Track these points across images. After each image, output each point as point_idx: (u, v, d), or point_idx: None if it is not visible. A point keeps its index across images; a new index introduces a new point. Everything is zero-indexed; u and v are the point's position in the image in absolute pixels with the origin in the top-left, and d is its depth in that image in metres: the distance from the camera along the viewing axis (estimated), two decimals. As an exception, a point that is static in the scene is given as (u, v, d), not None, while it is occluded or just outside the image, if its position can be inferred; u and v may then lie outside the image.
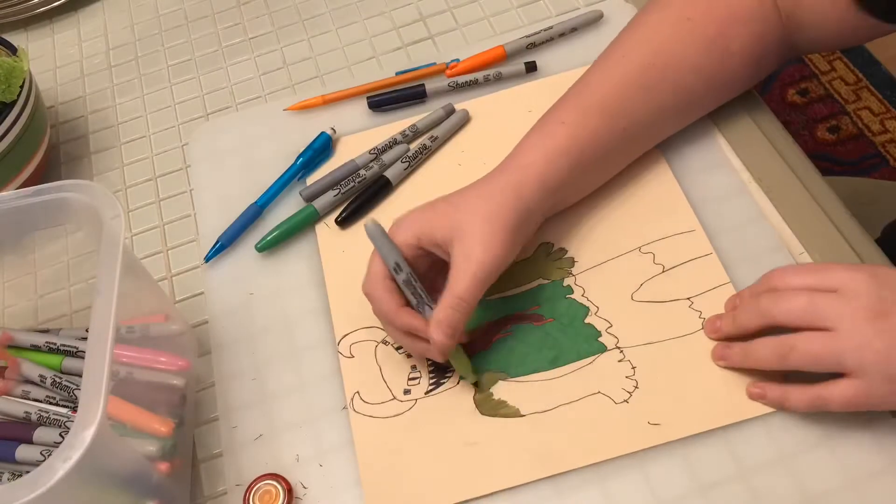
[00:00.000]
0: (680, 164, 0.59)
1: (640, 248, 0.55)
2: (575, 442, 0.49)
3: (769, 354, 0.46)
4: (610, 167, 0.56)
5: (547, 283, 0.55)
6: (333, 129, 0.65)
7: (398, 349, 0.54)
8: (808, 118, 1.52)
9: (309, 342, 0.56)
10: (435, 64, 0.67)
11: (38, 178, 0.66)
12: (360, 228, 0.60)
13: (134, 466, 0.45)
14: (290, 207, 0.62)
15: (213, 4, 0.79)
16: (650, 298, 0.53)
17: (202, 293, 0.60)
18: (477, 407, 0.51)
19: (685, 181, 0.58)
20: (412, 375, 0.53)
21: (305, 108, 0.67)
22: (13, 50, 0.66)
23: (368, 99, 0.66)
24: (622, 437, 0.49)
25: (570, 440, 0.49)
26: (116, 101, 0.73)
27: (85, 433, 0.38)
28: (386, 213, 0.61)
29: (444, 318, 0.48)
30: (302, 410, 0.53)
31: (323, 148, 0.64)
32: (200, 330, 0.58)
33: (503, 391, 0.52)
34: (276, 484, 0.49)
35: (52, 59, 0.78)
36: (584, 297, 0.54)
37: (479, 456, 0.49)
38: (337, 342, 0.55)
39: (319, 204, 0.61)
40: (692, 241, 0.55)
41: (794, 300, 0.45)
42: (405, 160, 0.62)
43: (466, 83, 0.66)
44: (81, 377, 0.40)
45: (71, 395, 0.53)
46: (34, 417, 0.52)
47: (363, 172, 0.62)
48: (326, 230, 0.61)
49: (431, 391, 0.52)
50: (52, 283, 0.62)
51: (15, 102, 0.62)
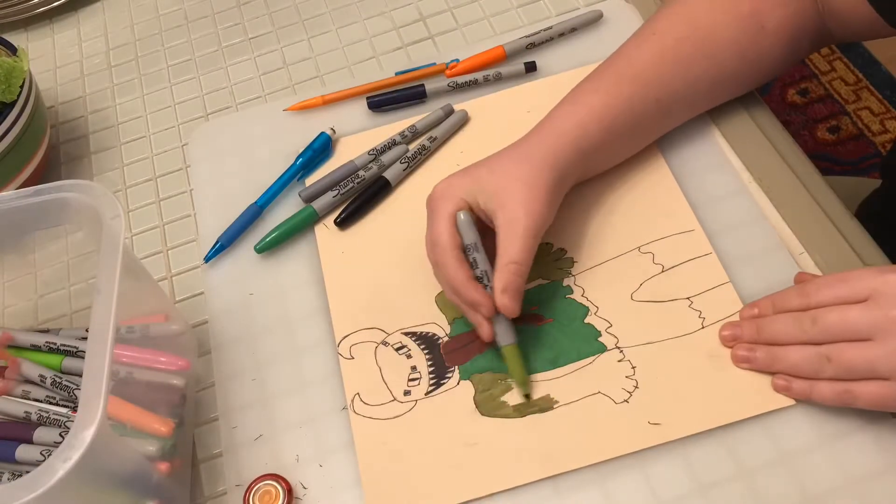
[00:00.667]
0: (680, 164, 0.59)
1: (639, 247, 0.55)
2: (575, 442, 0.49)
3: (800, 362, 0.46)
4: (642, 137, 0.57)
5: (547, 283, 0.55)
6: (333, 129, 0.65)
7: (398, 350, 0.54)
8: (808, 118, 1.52)
9: (309, 343, 0.56)
10: (435, 64, 0.67)
11: (38, 178, 0.66)
12: (359, 229, 0.60)
13: (134, 466, 0.45)
14: (289, 208, 0.62)
15: (213, 4, 0.79)
16: (650, 298, 0.53)
17: (202, 293, 0.60)
18: (477, 407, 0.51)
19: (685, 181, 0.58)
20: (412, 376, 0.53)
21: (305, 108, 0.68)
22: (13, 50, 0.66)
23: (368, 99, 0.66)
24: (622, 437, 0.49)
25: (570, 440, 0.49)
26: (116, 101, 0.73)
27: (85, 433, 0.38)
28: (385, 213, 0.61)
29: (507, 283, 0.49)
30: (302, 411, 0.53)
31: (323, 148, 0.64)
32: (200, 330, 0.58)
33: (503, 391, 0.52)
34: (276, 484, 0.49)
35: (52, 59, 0.78)
36: (583, 297, 0.54)
37: (479, 456, 0.49)
38: (337, 343, 0.55)
39: (319, 205, 0.61)
40: (692, 240, 0.55)
41: (827, 317, 0.45)
42: (404, 161, 0.62)
43: (466, 83, 0.66)
44: (81, 377, 0.40)
45: (71, 395, 0.53)
46: (34, 417, 0.52)
47: (362, 173, 0.62)
48: (326, 231, 0.61)
49: (431, 392, 0.52)
50: (52, 283, 0.62)
51: (15, 102, 0.62)
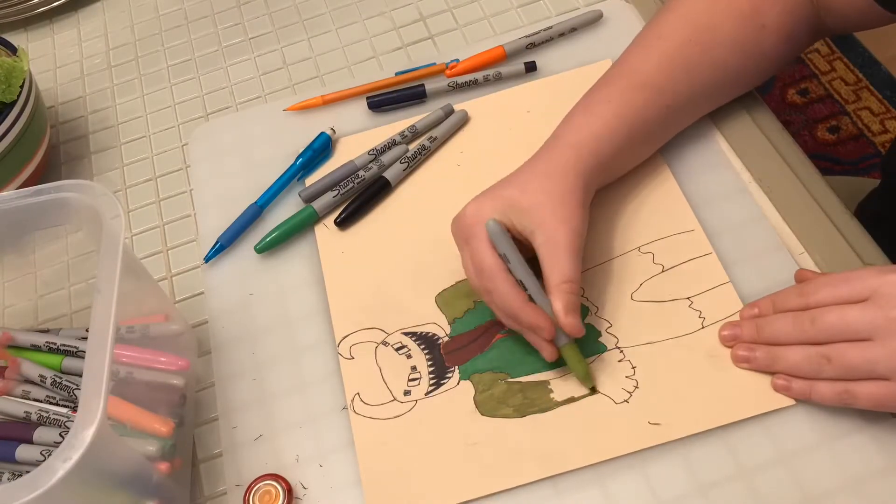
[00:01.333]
0: (680, 164, 0.59)
1: (639, 247, 0.55)
2: (575, 442, 0.49)
3: (800, 362, 0.46)
4: (654, 142, 0.58)
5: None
6: (333, 129, 0.65)
7: (398, 350, 0.54)
8: (808, 118, 1.52)
9: (309, 343, 0.56)
10: (435, 64, 0.68)
11: (38, 178, 0.66)
12: (359, 229, 0.60)
13: (134, 466, 0.45)
14: (289, 208, 0.62)
15: (213, 4, 0.79)
16: (650, 298, 0.53)
17: (202, 293, 0.60)
18: (477, 407, 0.51)
19: (685, 181, 0.58)
20: (412, 376, 0.53)
21: (305, 108, 0.68)
22: (13, 50, 0.66)
23: (368, 99, 0.66)
24: (622, 437, 0.49)
25: (570, 440, 0.49)
26: (116, 101, 0.73)
27: (85, 433, 0.38)
28: (385, 214, 0.61)
29: (566, 302, 0.48)
30: (302, 411, 0.53)
31: (323, 148, 0.64)
32: (200, 330, 0.58)
33: (503, 391, 0.52)
34: (276, 484, 0.49)
35: (52, 59, 0.78)
36: (583, 297, 0.54)
37: (479, 456, 0.49)
38: (337, 343, 0.55)
39: (318, 205, 0.61)
40: (692, 240, 0.55)
41: (826, 317, 0.45)
42: (404, 161, 0.62)
43: (466, 83, 0.66)
44: (81, 377, 0.40)
45: (71, 395, 0.53)
46: (34, 417, 0.52)
47: (362, 173, 0.62)
48: (326, 231, 0.61)
49: (431, 392, 0.52)
50: (52, 283, 0.62)
51: (15, 102, 0.62)
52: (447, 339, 0.54)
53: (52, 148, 0.70)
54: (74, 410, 0.53)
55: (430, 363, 0.53)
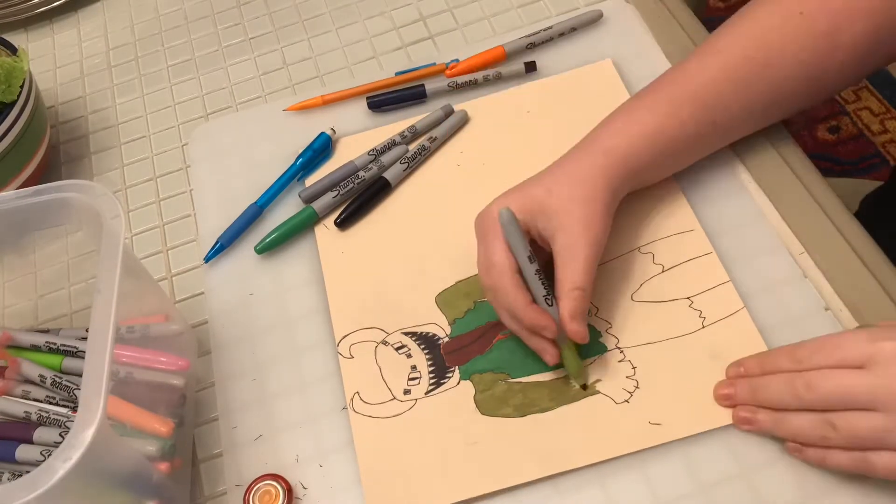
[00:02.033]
0: (680, 164, 0.59)
1: (639, 248, 0.55)
2: (575, 442, 0.49)
3: (805, 428, 0.45)
4: (694, 155, 0.56)
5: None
6: (333, 129, 0.65)
7: (398, 349, 0.54)
8: (808, 118, 1.52)
9: (309, 342, 0.56)
10: (435, 64, 0.67)
11: (38, 178, 0.66)
12: (359, 230, 0.60)
13: (134, 466, 0.45)
14: (289, 208, 0.62)
15: (213, 4, 0.79)
16: (650, 298, 0.53)
17: (202, 293, 0.60)
18: (477, 407, 0.51)
19: (684, 181, 0.58)
20: (412, 375, 0.53)
21: (305, 108, 0.68)
22: (13, 50, 0.66)
23: (368, 99, 0.66)
24: (622, 437, 0.49)
25: (570, 440, 0.49)
26: (116, 101, 0.73)
27: (85, 433, 0.38)
28: (385, 214, 0.61)
29: (574, 309, 0.48)
30: (302, 410, 0.53)
31: (323, 148, 0.64)
32: (200, 330, 0.58)
33: (503, 391, 0.52)
34: (276, 484, 0.49)
35: (52, 59, 0.78)
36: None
37: (479, 456, 0.49)
38: (336, 343, 0.55)
39: (318, 205, 0.61)
40: (692, 240, 0.55)
41: (824, 385, 0.44)
42: (404, 161, 0.62)
43: (466, 83, 0.66)
44: (81, 377, 0.40)
45: (71, 395, 0.53)
46: (34, 417, 0.52)
47: (362, 174, 0.62)
48: (326, 231, 0.61)
49: (431, 391, 0.52)
50: (52, 283, 0.62)
51: (15, 102, 0.62)
52: (447, 339, 0.54)
53: (52, 148, 0.70)
54: (74, 410, 0.53)
55: (430, 363, 0.53)
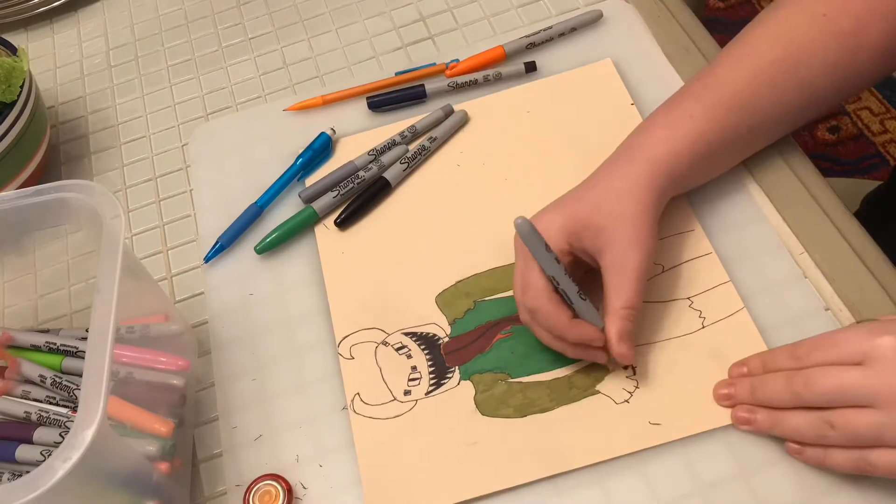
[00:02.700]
0: (680, 164, 0.58)
1: (640, 248, 0.55)
2: (575, 442, 0.49)
3: (802, 426, 0.45)
4: (731, 160, 0.56)
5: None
6: (333, 129, 0.65)
7: (398, 350, 0.54)
8: (807, 118, 1.52)
9: (309, 343, 0.56)
10: (435, 64, 0.67)
11: (38, 178, 0.66)
12: (359, 230, 0.60)
13: (134, 466, 0.45)
14: (289, 208, 0.62)
15: (213, 4, 0.79)
16: (650, 298, 0.53)
17: (202, 293, 0.60)
18: (477, 407, 0.51)
19: (685, 181, 0.58)
20: (412, 376, 0.53)
21: (305, 108, 0.68)
22: (13, 50, 0.66)
23: (368, 99, 0.66)
24: (622, 437, 0.49)
25: (570, 440, 0.49)
26: (116, 101, 0.73)
27: (85, 433, 0.38)
28: (385, 214, 0.61)
29: (622, 329, 0.48)
30: (302, 411, 0.53)
31: (323, 148, 0.64)
32: (200, 330, 0.58)
33: (503, 391, 0.52)
34: (276, 484, 0.49)
35: (52, 59, 0.78)
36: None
37: (479, 456, 0.49)
38: (337, 343, 0.55)
39: (318, 205, 0.61)
40: (692, 240, 0.55)
41: (821, 382, 0.44)
42: (404, 161, 0.62)
43: (466, 83, 0.66)
44: (81, 377, 0.40)
45: (71, 395, 0.53)
46: (34, 417, 0.52)
47: (362, 174, 0.62)
48: (326, 231, 0.61)
49: (431, 392, 0.52)
50: (52, 283, 0.62)
51: (15, 102, 0.62)
52: (447, 339, 0.54)
53: (52, 148, 0.70)
54: (74, 410, 0.53)
55: (430, 363, 0.53)
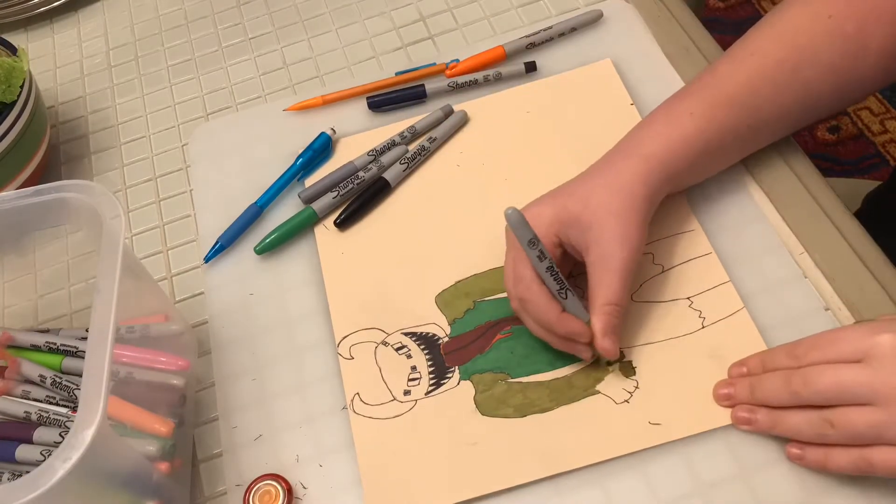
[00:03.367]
0: (680, 164, 0.58)
1: (639, 248, 0.55)
2: (575, 442, 0.49)
3: (802, 425, 0.45)
4: (729, 159, 0.56)
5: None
6: (333, 129, 0.65)
7: (398, 350, 0.54)
8: (807, 118, 1.52)
9: (309, 343, 0.56)
10: (435, 64, 0.67)
11: (38, 178, 0.66)
12: (359, 230, 0.60)
13: (134, 466, 0.45)
14: (289, 208, 0.62)
15: (213, 4, 0.79)
16: (650, 298, 0.53)
17: (202, 293, 0.60)
18: (477, 407, 0.51)
19: (685, 181, 0.58)
20: (412, 376, 0.53)
21: (305, 108, 0.68)
22: (13, 50, 0.66)
23: (368, 99, 0.66)
24: (622, 437, 0.49)
25: (570, 440, 0.49)
26: (116, 101, 0.73)
27: (85, 433, 0.38)
28: (385, 214, 0.61)
29: (607, 325, 0.48)
30: (302, 411, 0.53)
31: (323, 148, 0.64)
32: (200, 330, 0.58)
33: (503, 391, 0.52)
34: (276, 484, 0.49)
35: (52, 59, 0.78)
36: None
37: (479, 456, 0.49)
38: (336, 343, 0.55)
39: (318, 206, 0.61)
40: (692, 240, 0.55)
41: (820, 380, 0.44)
42: (403, 162, 0.62)
43: (466, 83, 0.66)
44: (81, 377, 0.40)
45: (71, 395, 0.53)
46: (34, 417, 0.52)
47: (362, 174, 0.62)
48: (325, 232, 0.61)
49: (431, 392, 0.52)
50: (52, 283, 0.62)
51: (15, 102, 0.62)
52: (447, 339, 0.54)
53: (52, 148, 0.70)
54: (74, 410, 0.53)
55: (430, 363, 0.53)
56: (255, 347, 0.56)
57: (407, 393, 0.53)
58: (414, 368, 0.53)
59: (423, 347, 0.54)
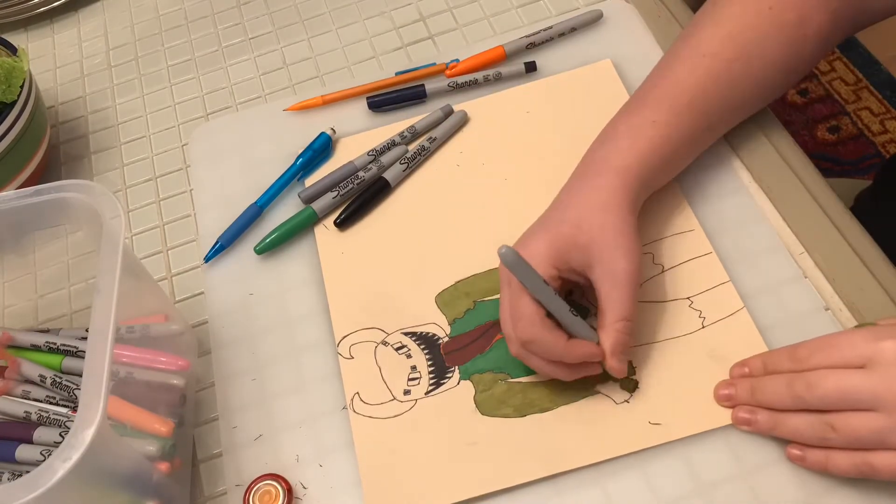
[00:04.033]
0: (680, 164, 0.59)
1: (639, 248, 0.55)
2: (575, 442, 0.49)
3: (803, 428, 0.45)
4: (691, 158, 0.57)
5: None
6: (333, 129, 0.65)
7: (398, 350, 0.54)
8: (808, 118, 1.52)
9: (308, 342, 0.56)
10: (435, 64, 0.67)
11: (38, 178, 0.66)
12: (359, 230, 0.60)
13: (134, 466, 0.45)
14: (289, 208, 0.62)
15: (213, 4, 0.79)
16: (650, 298, 0.53)
17: (202, 293, 0.60)
18: (477, 407, 0.51)
19: (684, 181, 0.58)
20: (412, 376, 0.53)
21: (305, 108, 0.68)
22: (13, 50, 0.66)
23: (368, 99, 0.66)
24: (622, 437, 0.49)
25: (570, 440, 0.49)
26: (116, 101, 0.73)
27: (85, 433, 0.38)
28: (385, 214, 0.61)
29: (617, 342, 0.48)
30: (302, 410, 0.53)
31: (323, 148, 0.64)
32: (200, 330, 0.58)
33: (503, 391, 0.52)
34: (276, 484, 0.49)
35: (52, 59, 0.78)
36: (583, 298, 0.54)
37: (479, 456, 0.49)
38: (336, 343, 0.55)
39: (318, 206, 0.61)
40: (692, 240, 0.55)
41: (823, 385, 0.43)
42: (403, 161, 0.62)
43: (466, 83, 0.66)
44: (81, 377, 0.40)
45: (71, 395, 0.53)
46: (34, 417, 0.52)
47: (362, 174, 0.62)
48: (325, 232, 0.61)
49: (431, 391, 0.52)
50: (52, 283, 0.62)
51: (15, 102, 0.62)
52: (447, 339, 0.54)
53: (52, 148, 0.70)
54: (74, 410, 0.53)
55: (430, 363, 0.53)
56: (255, 347, 0.56)
57: (407, 392, 0.53)
58: (414, 368, 0.53)
59: (423, 347, 0.54)
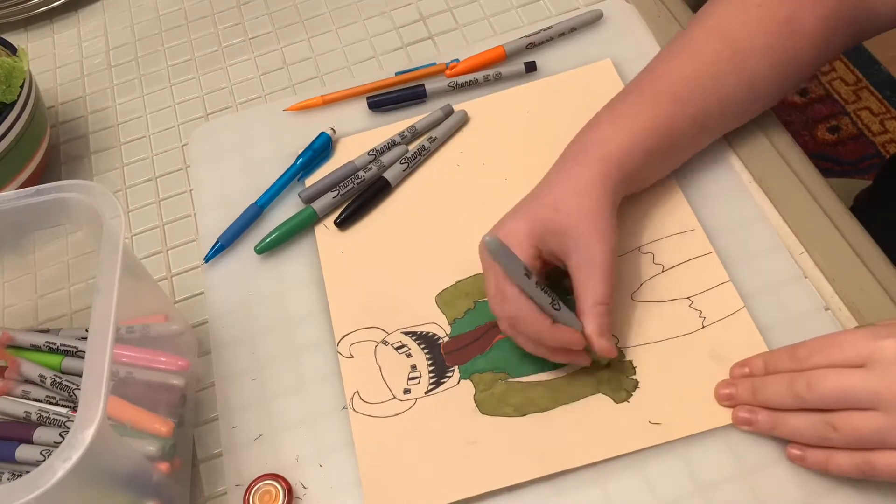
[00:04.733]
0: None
1: (639, 247, 0.55)
2: (575, 442, 0.49)
3: (804, 428, 0.45)
4: (680, 155, 0.57)
5: (546, 283, 0.55)
6: (333, 129, 0.65)
7: (398, 349, 0.54)
8: (808, 118, 1.52)
9: (309, 342, 0.56)
10: (435, 64, 0.68)
11: (38, 178, 0.66)
12: (359, 230, 0.60)
13: (134, 466, 0.45)
14: (289, 208, 0.62)
15: (213, 4, 0.79)
16: (650, 298, 0.53)
17: (202, 293, 0.60)
18: (477, 406, 0.51)
19: (684, 181, 0.58)
20: (412, 375, 0.53)
21: (305, 108, 0.68)
22: (13, 50, 0.66)
23: (368, 99, 0.66)
24: (622, 437, 0.49)
25: (570, 440, 0.49)
26: (116, 101, 0.73)
27: (85, 433, 0.38)
28: (385, 214, 0.61)
29: (600, 325, 0.48)
30: (302, 410, 0.53)
31: (323, 148, 0.64)
32: (200, 330, 0.58)
33: (503, 390, 0.52)
34: (276, 484, 0.49)
35: (52, 59, 0.78)
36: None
37: (479, 455, 0.49)
38: (336, 342, 0.55)
39: (318, 205, 0.61)
40: (692, 240, 0.55)
41: (824, 384, 0.43)
42: (404, 161, 0.62)
43: (466, 83, 0.66)
44: (81, 377, 0.40)
45: (71, 395, 0.53)
46: (34, 417, 0.52)
47: (362, 174, 0.62)
48: (326, 231, 0.61)
49: (431, 391, 0.52)
50: (52, 283, 0.62)
51: (15, 102, 0.62)
52: (447, 339, 0.54)
53: (52, 148, 0.70)
54: (74, 410, 0.53)
55: (430, 362, 0.53)
56: (255, 347, 0.56)
57: (407, 391, 0.53)
58: (414, 367, 0.53)
59: (423, 347, 0.54)
